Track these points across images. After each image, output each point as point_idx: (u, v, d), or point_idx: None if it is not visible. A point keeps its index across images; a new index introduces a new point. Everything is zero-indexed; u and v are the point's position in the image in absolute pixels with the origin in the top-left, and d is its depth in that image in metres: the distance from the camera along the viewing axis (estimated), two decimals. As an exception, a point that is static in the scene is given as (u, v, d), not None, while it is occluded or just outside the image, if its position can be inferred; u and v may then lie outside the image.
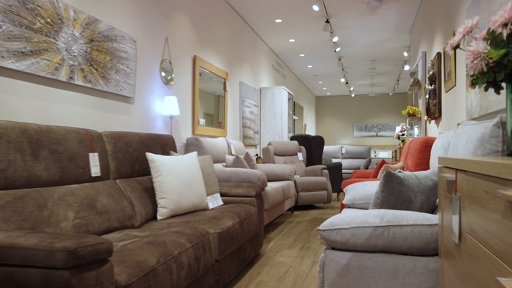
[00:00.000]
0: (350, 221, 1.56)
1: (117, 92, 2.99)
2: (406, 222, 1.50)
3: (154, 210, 2.54)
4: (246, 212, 2.84)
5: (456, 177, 1.11)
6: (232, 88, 5.82)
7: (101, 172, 2.30)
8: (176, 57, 4.02)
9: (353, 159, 9.41)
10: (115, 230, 2.15)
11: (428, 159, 3.35)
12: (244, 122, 6.24)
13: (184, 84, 4.22)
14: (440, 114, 3.91)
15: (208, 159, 3.17)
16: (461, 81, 3.06)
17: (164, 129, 3.77)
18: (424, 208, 1.85)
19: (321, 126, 14.90)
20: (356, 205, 2.95)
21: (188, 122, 4.33)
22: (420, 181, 1.86)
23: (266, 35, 7.14)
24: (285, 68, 9.58)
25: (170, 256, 1.70)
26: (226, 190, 3.20)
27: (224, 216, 2.50)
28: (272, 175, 5.06)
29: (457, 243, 1.07)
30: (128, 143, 2.58)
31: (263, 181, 3.68)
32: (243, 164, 4.15)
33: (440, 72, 3.88)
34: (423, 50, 5.03)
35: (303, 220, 4.85)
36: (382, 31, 6.93)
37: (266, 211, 3.90)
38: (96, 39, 2.75)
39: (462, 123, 2.17)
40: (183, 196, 2.60)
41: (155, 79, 3.62)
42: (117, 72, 2.98)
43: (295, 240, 3.77)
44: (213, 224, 2.30)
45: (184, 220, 2.38)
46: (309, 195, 5.65)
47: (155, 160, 2.54)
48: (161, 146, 2.99)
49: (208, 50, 4.91)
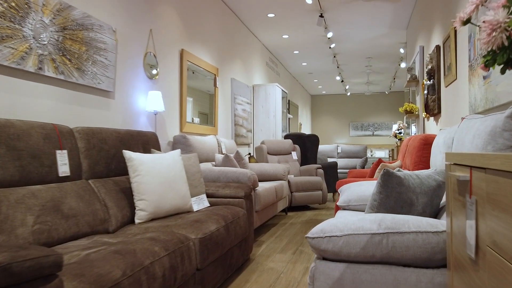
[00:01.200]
0: (343, 227, 1.36)
1: (95, 85, 2.77)
2: (407, 229, 1.31)
3: (132, 213, 2.34)
4: (234, 214, 2.63)
5: (471, 176, 0.91)
6: (223, 84, 5.61)
7: (71, 172, 2.08)
8: (161, 50, 3.81)
9: (349, 159, 9.23)
10: (84, 236, 1.94)
11: (427, 158, 3.16)
12: (236, 120, 6.03)
13: (170, 79, 4.01)
14: (439, 110, 3.72)
15: (194, 158, 2.96)
16: (462, 74, 2.88)
17: (148, 126, 3.56)
18: (427, 212, 1.66)
19: (317, 125, 14.72)
20: (352, 207, 2.76)
21: (175, 119, 4.12)
22: (422, 181, 1.66)
23: (259, 30, 6.94)
24: (279, 65, 9.38)
25: (139, 267, 1.49)
26: (213, 190, 2.99)
27: (208, 220, 2.29)
28: (265, 175, 4.86)
29: (473, 258, 0.87)
30: (103, 140, 2.37)
31: (254, 181, 3.48)
32: (233, 163, 3.95)
33: (439, 66, 3.70)
34: (421, 45, 4.85)
35: (297, 222, 4.66)
36: (378, 27, 6.75)
37: (257, 212, 3.70)
38: (69, 27, 2.54)
39: (467, 117, 1.97)
40: (164, 197, 2.40)
41: (138, 73, 3.40)
42: (94, 64, 2.76)
43: (288, 244, 3.57)
44: (195, 229, 2.09)
45: (163, 224, 2.17)
46: (304, 196, 5.46)
47: (132, 158, 2.33)
48: (143, 143, 2.78)
49: (197, 44, 4.70)
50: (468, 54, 2.63)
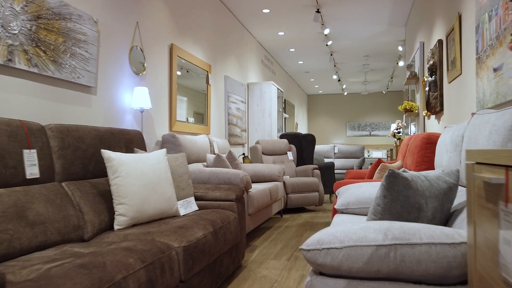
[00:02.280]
0: (344, 237, 1.17)
1: (73, 80, 2.57)
2: (419, 240, 1.12)
3: (111, 218, 2.13)
4: (223, 219, 2.44)
5: (508, 178, 0.72)
6: (216, 82, 5.41)
7: (41, 174, 1.88)
8: (149, 44, 3.61)
9: (346, 159, 9.06)
10: (53, 245, 1.74)
11: (430, 157, 2.98)
12: (229, 119, 5.83)
13: (159, 75, 3.81)
14: (442, 108, 3.54)
15: (181, 158, 2.76)
16: (468, 68, 2.69)
17: (134, 125, 3.35)
18: (437, 218, 1.47)
19: (313, 125, 14.55)
20: (350, 210, 2.57)
21: (164, 117, 3.92)
22: (431, 183, 1.47)
23: (254, 26, 6.75)
24: (275, 64, 9.19)
25: (108, 283, 1.30)
26: (202, 193, 2.79)
27: (194, 225, 2.10)
28: (259, 175, 4.67)
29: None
30: (80, 139, 2.17)
31: (247, 183, 3.29)
32: (225, 163, 3.75)
33: (442, 61, 3.52)
34: (421, 41, 4.68)
35: (293, 225, 4.46)
36: (376, 24, 6.58)
37: (251, 216, 3.51)
38: (44, 16, 2.33)
39: (478, 112, 1.79)
40: (147, 201, 2.20)
41: (123, 67, 3.20)
42: (73, 57, 2.56)
43: (283, 249, 3.37)
44: (179, 236, 1.90)
45: (144, 231, 1.97)
46: (300, 197, 5.27)
47: (111, 158, 2.13)
48: (125, 142, 2.58)
49: (188, 39, 4.50)
50: (476, 46, 2.45)
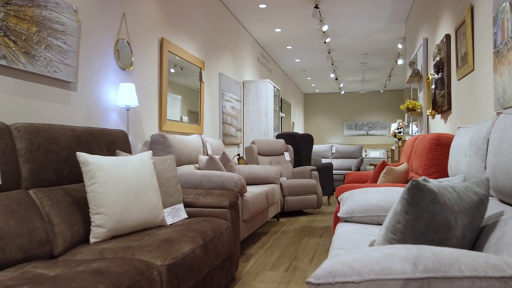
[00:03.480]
0: (362, 268, 0.93)
1: (49, 74, 2.31)
2: (458, 272, 0.88)
3: (86, 230, 1.89)
4: (215, 229, 2.20)
5: None
6: (210, 79, 5.16)
7: (3, 180, 1.63)
8: (136, 37, 3.35)
9: (344, 159, 8.84)
10: (14, 264, 1.49)
11: (441, 160, 2.76)
12: (224, 118, 5.59)
13: (148, 71, 3.55)
14: (449, 107, 3.32)
15: (170, 161, 2.52)
16: (483, 63, 2.47)
17: (120, 124, 3.10)
18: (467, 237, 1.24)
19: (310, 124, 14.33)
20: (355, 219, 2.35)
21: (154, 116, 3.67)
22: (460, 195, 1.24)
23: (250, 22, 6.50)
24: (271, 62, 8.95)
25: (69, 320, 1.05)
26: (192, 199, 2.55)
27: (181, 238, 1.85)
28: (255, 178, 4.43)
29: None
30: (52, 140, 1.92)
31: (241, 187, 3.05)
32: (218, 166, 3.51)
33: (450, 57, 3.29)
34: (424, 37, 4.46)
35: (290, 230, 4.23)
36: (376, 20, 6.36)
37: (246, 222, 3.27)
38: (14, 2, 2.08)
39: (505, 112, 1.56)
40: (128, 210, 1.95)
41: (108, 62, 2.95)
42: (49, 49, 2.30)
43: (280, 258, 3.14)
44: (163, 252, 1.65)
45: (124, 245, 1.72)
46: (297, 200, 5.04)
47: (88, 162, 1.89)
48: (107, 144, 2.33)
49: (180, 34, 4.25)
50: (493, 38, 2.22)
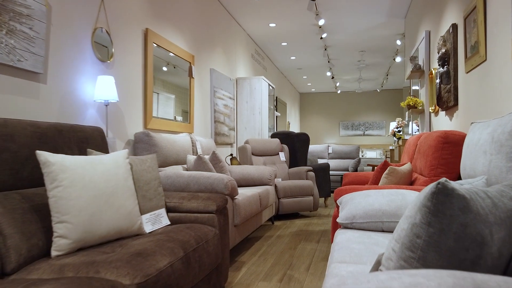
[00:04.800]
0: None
1: (12, 63, 2.05)
2: (515, 314, 0.63)
3: (47, 241, 1.62)
4: (199, 237, 1.94)
5: None
6: (201, 75, 4.91)
7: None
8: (117, 27, 3.09)
9: (341, 160, 8.61)
10: None
11: (449, 159, 2.52)
12: (216, 117, 5.33)
13: (131, 64, 3.29)
14: (456, 102, 3.09)
15: (150, 161, 2.26)
16: (499, 51, 2.23)
17: (99, 121, 2.84)
18: (504, 255, 0.99)
19: (306, 124, 14.10)
20: (356, 225, 2.11)
21: (138, 113, 3.41)
22: (494, 202, 1.00)
23: (243, 17, 6.25)
24: (266, 59, 8.70)
25: None
26: (176, 203, 2.29)
27: (158, 250, 1.60)
28: (248, 179, 4.18)
29: None
30: (8, 137, 1.66)
31: (232, 189, 2.80)
32: (207, 166, 3.25)
33: (457, 49, 3.06)
34: (427, 30, 4.23)
35: (285, 234, 3.98)
36: (374, 15, 6.13)
37: (237, 227, 3.02)
38: (-33, -21, 1.81)
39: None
40: (98, 217, 1.69)
41: (85, 52, 2.68)
42: (11, 34, 2.04)
43: (274, 266, 2.89)
44: (133, 268, 1.40)
45: (89, 260, 1.47)
46: (293, 202, 4.79)
47: (50, 162, 1.63)
48: (78, 142, 2.07)
49: (167, 26, 3.99)
50: None
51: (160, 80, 3.86)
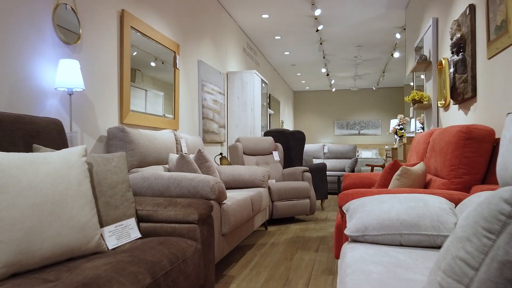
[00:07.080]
0: None
1: None
2: None
3: (-33, 266, 1.22)
4: (174, 256, 1.54)
5: None
6: (187, 66, 4.50)
7: None
8: (86, 4, 2.68)
9: (337, 159, 8.25)
10: None
11: (473, 158, 2.15)
12: (204, 113, 4.93)
13: (103, 48, 2.88)
14: (474, 93, 2.73)
15: (118, 160, 1.86)
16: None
17: (63, 114, 2.42)
18: None
19: (300, 123, 13.73)
20: (369, 238, 1.73)
21: (113, 105, 3.00)
22: None
23: (233, 6, 5.85)
24: (258, 54, 8.31)
25: None
26: (150, 211, 1.89)
27: (116, 277, 1.20)
28: (239, 180, 3.78)
29: None
30: None
31: (219, 192, 2.40)
32: (191, 166, 2.85)
33: (475, 32, 2.70)
34: (434, 17, 3.87)
35: (280, 241, 3.59)
36: (373, 5, 5.76)
37: (225, 236, 2.62)
38: None
39: None
40: (39, 233, 1.29)
41: (44, 32, 2.27)
42: None
43: (268, 281, 2.49)
44: (73, 308, 1.00)
45: (15, 295, 1.06)
46: (288, 206, 4.41)
47: (-30, 161, 1.22)
48: (25, 136, 1.66)
49: (148, 9, 3.58)
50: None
51: (149, 77, 3.52)
